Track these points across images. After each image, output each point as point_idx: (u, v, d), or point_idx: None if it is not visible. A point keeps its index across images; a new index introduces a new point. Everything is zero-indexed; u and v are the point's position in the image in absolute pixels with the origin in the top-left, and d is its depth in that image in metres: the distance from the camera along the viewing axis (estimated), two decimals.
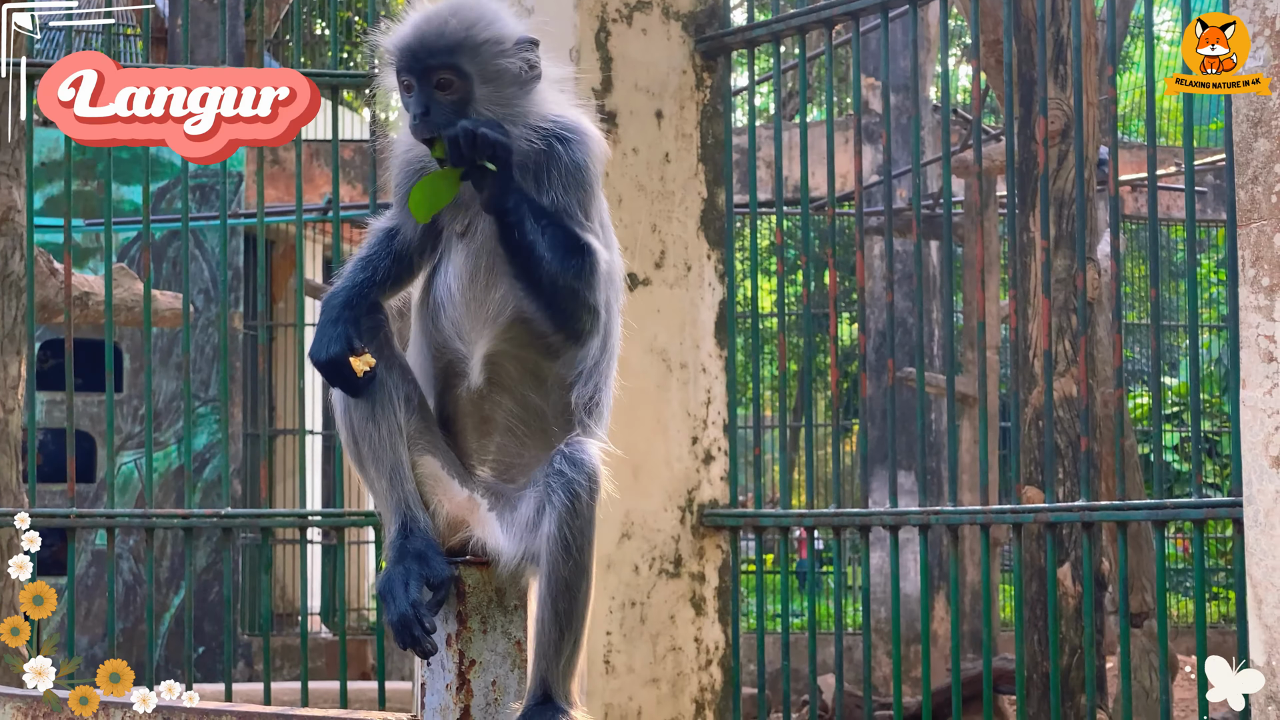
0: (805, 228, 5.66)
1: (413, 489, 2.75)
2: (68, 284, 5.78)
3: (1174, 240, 16.25)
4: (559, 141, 2.75)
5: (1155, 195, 4.94)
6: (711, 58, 5.83)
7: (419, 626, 2.61)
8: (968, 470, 12.44)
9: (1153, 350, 4.78)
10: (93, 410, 14.89)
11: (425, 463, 2.78)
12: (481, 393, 2.80)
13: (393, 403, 2.75)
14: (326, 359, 2.69)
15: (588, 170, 2.77)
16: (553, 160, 2.75)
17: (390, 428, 2.74)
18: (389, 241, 2.82)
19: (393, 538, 2.72)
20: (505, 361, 2.79)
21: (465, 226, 2.78)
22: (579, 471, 2.69)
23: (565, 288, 2.70)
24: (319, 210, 11.46)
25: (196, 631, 14.67)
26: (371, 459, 2.74)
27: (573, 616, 2.66)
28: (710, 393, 5.83)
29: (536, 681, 2.67)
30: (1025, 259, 7.16)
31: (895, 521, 5.47)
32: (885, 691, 12.74)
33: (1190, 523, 4.88)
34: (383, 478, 2.73)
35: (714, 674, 5.79)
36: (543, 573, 2.66)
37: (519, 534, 2.71)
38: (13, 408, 6.67)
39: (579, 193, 2.76)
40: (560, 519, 2.65)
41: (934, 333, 13.63)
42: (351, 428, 2.73)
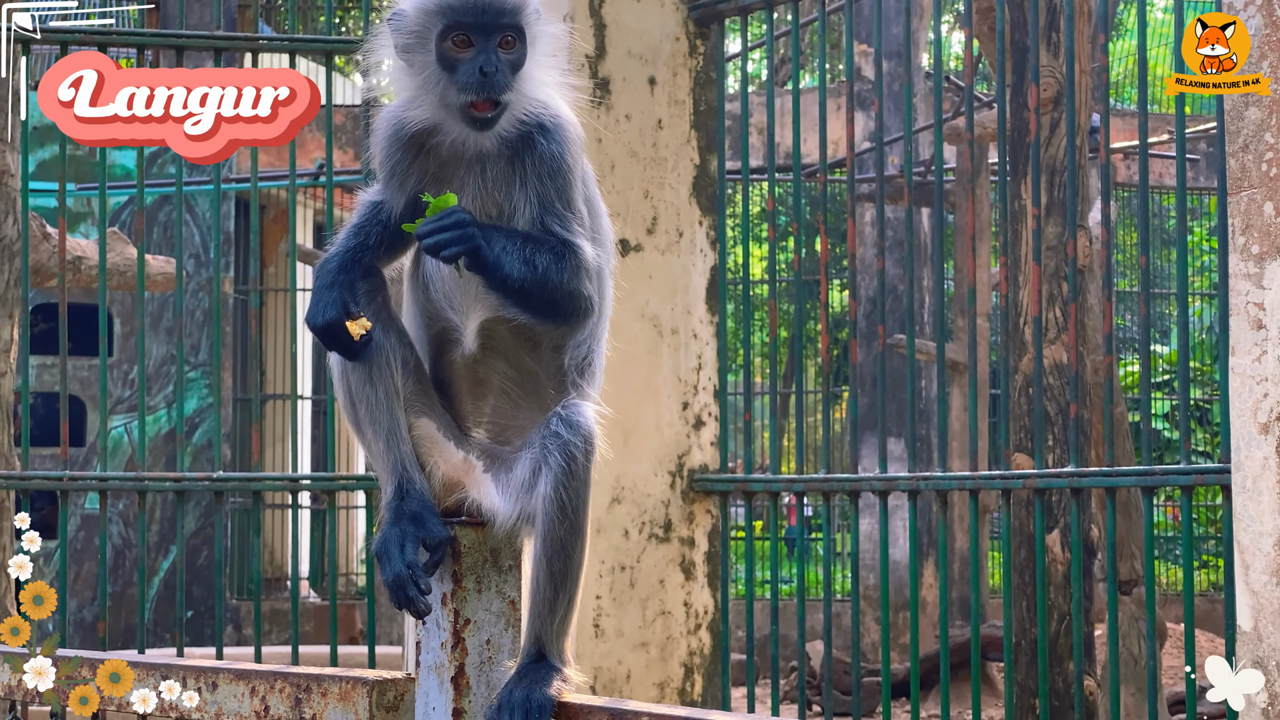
0: (796, 194, 5.68)
1: (409, 450, 2.77)
2: (61, 248, 5.79)
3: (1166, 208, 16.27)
4: (539, 132, 2.78)
5: (1146, 162, 4.95)
6: (705, 25, 5.84)
7: (414, 587, 2.63)
8: (958, 437, 12.48)
9: (1141, 317, 4.80)
10: (82, 374, 14.89)
11: (421, 425, 2.80)
12: (476, 357, 2.83)
13: (390, 366, 2.77)
14: (323, 323, 2.71)
15: (565, 159, 2.80)
16: (532, 151, 2.77)
17: (387, 390, 2.76)
18: (377, 212, 2.83)
19: (389, 499, 2.74)
20: (498, 327, 2.81)
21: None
22: (575, 433, 2.71)
23: (560, 295, 2.75)
24: (311, 175, 11.45)
25: (186, 595, 14.71)
26: (369, 421, 2.76)
27: (567, 577, 2.68)
28: (701, 358, 5.85)
29: (531, 640, 2.69)
30: (1017, 226, 7.18)
31: (884, 487, 5.49)
32: (875, 658, 12.79)
33: (1179, 489, 4.92)
34: (379, 440, 2.75)
35: (703, 638, 5.83)
36: (538, 533, 2.68)
37: (515, 495, 2.73)
38: (4, 371, 6.68)
39: (558, 181, 2.79)
40: (556, 480, 2.67)
41: (925, 300, 13.65)
42: (349, 390, 2.74)
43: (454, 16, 2.75)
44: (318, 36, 5.87)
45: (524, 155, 2.78)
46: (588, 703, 2.56)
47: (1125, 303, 16.29)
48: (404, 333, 2.82)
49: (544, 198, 2.76)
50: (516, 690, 2.61)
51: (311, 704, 2.70)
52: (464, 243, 2.66)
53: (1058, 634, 7.03)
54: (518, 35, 2.76)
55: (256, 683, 2.77)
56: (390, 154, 2.82)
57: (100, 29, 5.65)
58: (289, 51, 5.87)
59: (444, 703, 2.64)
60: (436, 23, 2.76)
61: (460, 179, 2.78)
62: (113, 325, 15.05)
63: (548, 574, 2.68)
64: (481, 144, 2.77)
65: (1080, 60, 7.07)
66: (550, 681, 2.63)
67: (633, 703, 2.46)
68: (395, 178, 2.82)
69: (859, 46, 13.38)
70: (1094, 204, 7.89)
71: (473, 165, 2.80)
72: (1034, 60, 5.22)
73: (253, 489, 5.99)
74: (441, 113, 2.77)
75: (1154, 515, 5.52)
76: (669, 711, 2.37)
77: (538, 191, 2.76)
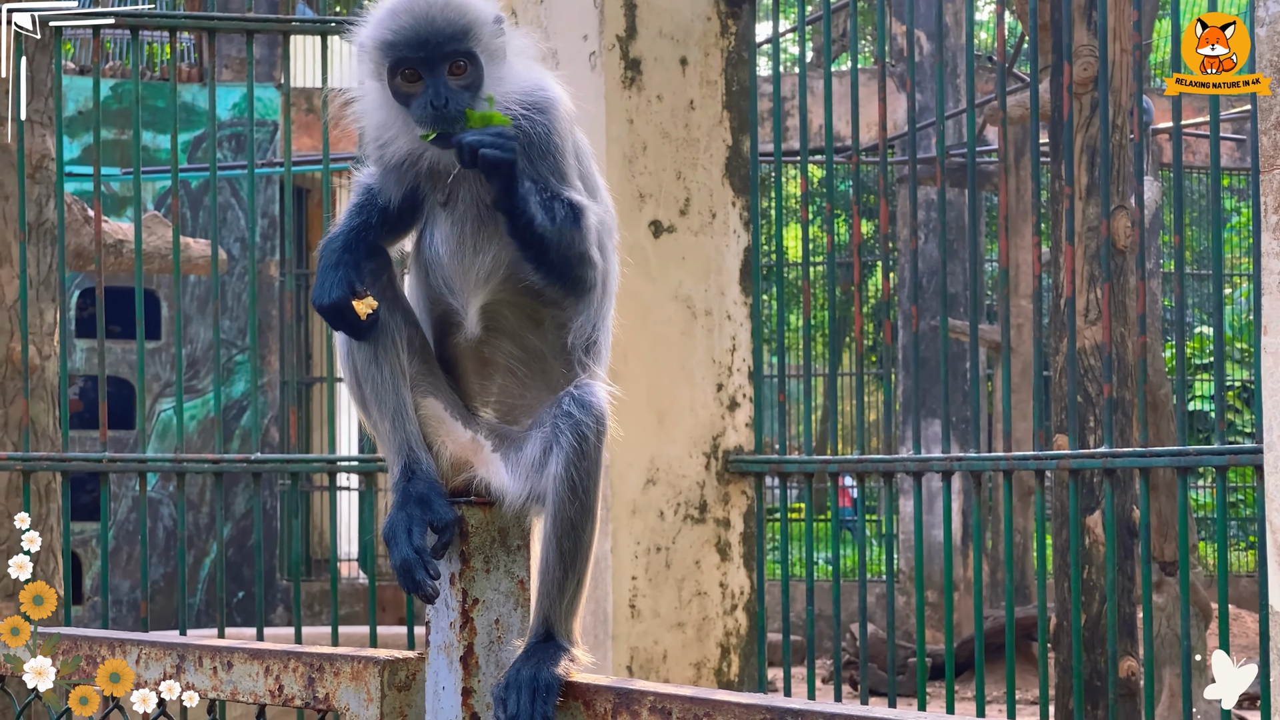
0: (829, 175, 5.66)
1: (415, 430, 2.77)
2: (97, 232, 5.83)
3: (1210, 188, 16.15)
4: (534, 112, 2.78)
5: (1180, 142, 4.91)
6: (736, 4, 5.83)
7: (422, 570, 2.64)
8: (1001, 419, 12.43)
9: (1176, 297, 4.77)
10: (131, 358, 14.99)
11: (428, 404, 2.80)
12: (480, 338, 2.83)
13: (395, 345, 2.77)
14: (329, 303, 2.71)
15: (553, 136, 2.79)
16: (528, 132, 2.77)
17: (393, 369, 2.76)
18: (375, 195, 2.83)
19: (395, 480, 2.75)
20: (502, 308, 2.81)
21: (447, 196, 2.80)
22: (587, 413, 2.71)
23: (573, 254, 2.74)
24: (350, 159, 11.45)
25: (236, 576, 14.80)
26: (375, 401, 2.76)
27: (577, 557, 2.69)
28: (735, 340, 5.84)
29: (539, 620, 2.70)
30: (1059, 207, 7.13)
31: (919, 468, 5.48)
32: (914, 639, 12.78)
33: (1214, 469, 4.89)
34: (385, 419, 2.76)
35: (739, 619, 5.83)
36: (548, 513, 2.68)
37: (524, 474, 2.73)
38: (49, 354, 6.73)
39: (549, 159, 2.78)
40: (568, 460, 2.67)
41: (966, 281, 13.61)
42: (355, 370, 2.75)
43: (397, 53, 2.73)
44: (351, 18, 5.87)
45: (524, 138, 2.77)
46: (595, 682, 2.57)
47: (1170, 284, 16.18)
48: (410, 312, 2.82)
49: (536, 177, 2.76)
50: (524, 669, 2.62)
51: (324, 683, 2.72)
52: (506, 151, 2.64)
53: (1098, 615, 6.99)
54: (468, 59, 2.74)
55: (270, 662, 2.79)
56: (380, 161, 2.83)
57: (133, 11, 5.68)
58: (320, 34, 5.88)
59: (453, 681, 2.65)
60: (384, 59, 2.75)
61: (458, 172, 2.79)
62: (159, 309, 15.15)
63: (557, 554, 2.68)
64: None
65: (1121, 39, 7.02)
66: (558, 660, 2.64)
67: (639, 682, 2.46)
68: (391, 175, 2.82)
69: (898, 27, 13.32)
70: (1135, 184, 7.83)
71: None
72: (1068, 39, 5.18)
73: (291, 470, 6.02)
74: (411, 142, 2.78)
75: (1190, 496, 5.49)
76: (675, 691, 2.38)
77: (529, 173, 2.75)
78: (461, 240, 2.79)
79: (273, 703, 2.82)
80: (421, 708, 2.69)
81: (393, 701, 2.67)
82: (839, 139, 12.20)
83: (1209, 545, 15.95)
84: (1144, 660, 5.34)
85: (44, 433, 6.64)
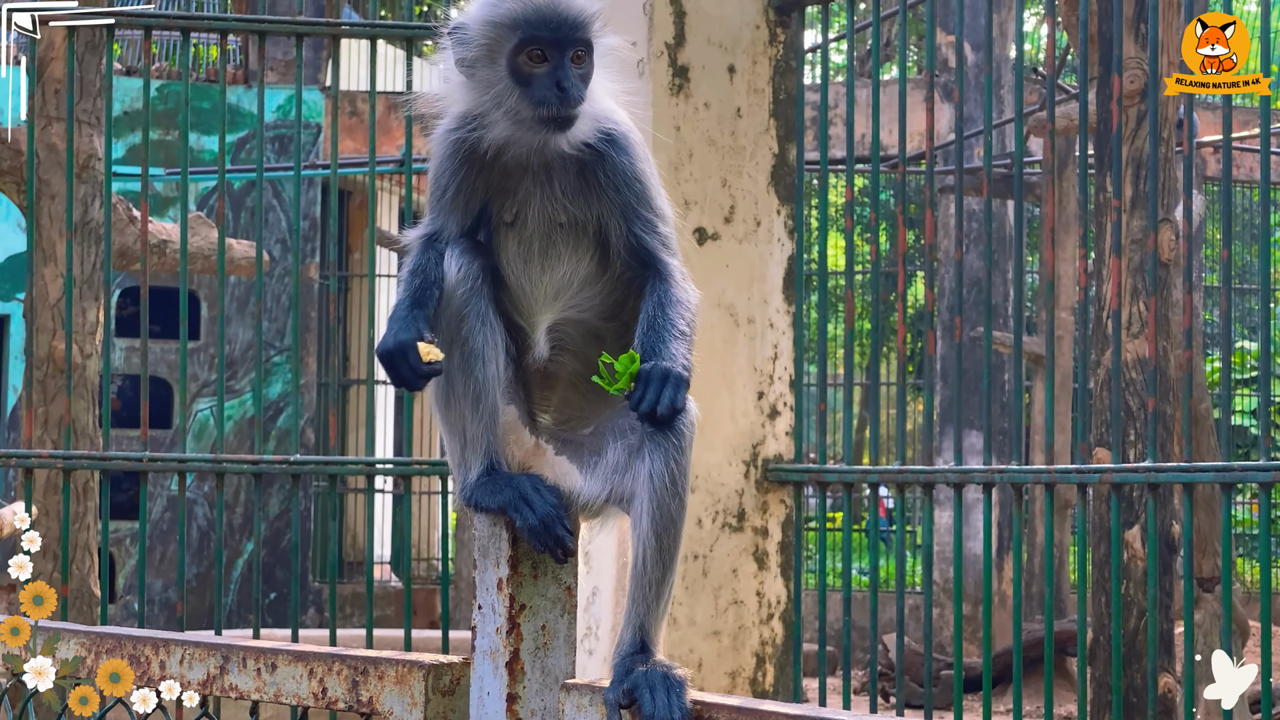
0: (874, 184, 5.64)
1: (501, 434, 2.78)
2: (143, 232, 5.85)
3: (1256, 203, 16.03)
4: (608, 143, 2.80)
5: (1229, 154, 4.88)
6: (785, 13, 5.82)
7: (560, 526, 2.63)
8: (1041, 431, 12.37)
9: (1222, 311, 4.73)
10: (170, 357, 15.04)
11: (509, 411, 2.81)
12: (545, 356, 2.83)
13: (495, 349, 2.76)
14: (395, 344, 2.68)
15: (637, 165, 2.82)
16: (603, 163, 2.80)
17: (492, 373, 2.75)
18: (433, 243, 2.82)
19: (479, 475, 2.73)
20: (566, 327, 2.83)
21: (514, 215, 2.80)
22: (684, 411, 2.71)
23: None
24: (394, 162, 11.51)
25: (269, 577, 14.83)
26: (469, 399, 2.74)
27: (674, 554, 2.67)
28: (777, 348, 5.83)
29: (635, 627, 2.66)
30: (1103, 219, 7.10)
31: (959, 479, 5.46)
32: (951, 652, 12.73)
33: (1258, 485, 4.85)
34: (477, 420, 2.74)
35: (775, 628, 5.81)
36: (645, 511, 2.64)
37: (604, 475, 2.72)
38: (90, 353, 6.76)
39: (635, 187, 2.81)
40: (668, 455, 2.65)
41: (1008, 293, 13.55)
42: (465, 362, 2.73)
43: (529, 31, 2.74)
44: (399, 23, 5.88)
45: (595, 167, 2.79)
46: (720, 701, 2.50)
47: (1214, 298, 16.08)
48: (504, 318, 2.80)
49: (626, 207, 2.79)
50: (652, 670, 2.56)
51: (368, 686, 2.72)
52: (681, 386, 2.67)
53: (1136, 631, 6.95)
54: (587, 49, 2.76)
55: (315, 664, 2.78)
56: (455, 172, 2.81)
57: (183, 14, 5.70)
58: (369, 38, 5.90)
59: (498, 687, 2.65)
60: (509, 37, 2.75)
61: (526, 190, 2.79)
62: (199, 309, 15.19)
63: (657, 552, 2.65)
64: (549, 154, 2.77)
65: (1168, 52, 6.98)
66: (674, 669, 2.60)
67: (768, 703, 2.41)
68: (460, 195, 2.81)
69: (945, 37, 13.29)
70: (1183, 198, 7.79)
71: (538, 175, 2.80)
72: (1118, 51, 5.15)
73: (329, 472, 6.03)
74: (512, 128, 2.76)
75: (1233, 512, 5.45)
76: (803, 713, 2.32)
77: (618, 203, 2.78)
78: (529, 260, 2.79)
79: (316, 705, 2.81)
80: (465, 713, 2.69)
81: (436, 706, 2.67)
82: (883, 148, 12.18)
83: (1246, 562, 15.85)
84: (1183, 677, 5.30)
85: (84, 431, 6.67)
